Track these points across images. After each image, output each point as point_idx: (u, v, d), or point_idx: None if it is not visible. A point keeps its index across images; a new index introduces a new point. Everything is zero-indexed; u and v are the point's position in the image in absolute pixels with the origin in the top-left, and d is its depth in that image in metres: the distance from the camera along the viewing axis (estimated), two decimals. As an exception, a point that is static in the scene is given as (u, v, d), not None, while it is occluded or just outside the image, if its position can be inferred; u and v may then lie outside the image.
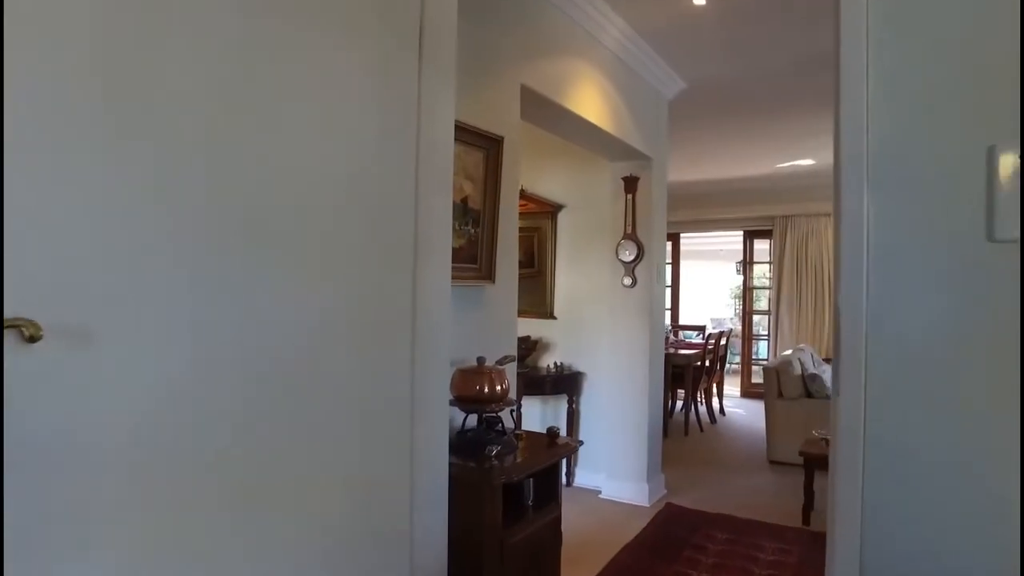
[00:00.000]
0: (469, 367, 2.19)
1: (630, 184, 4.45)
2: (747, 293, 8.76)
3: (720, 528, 4.04)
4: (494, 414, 2.18)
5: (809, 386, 5.39)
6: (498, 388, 2.13)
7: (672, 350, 6.70)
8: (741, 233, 8.68)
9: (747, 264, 8.66)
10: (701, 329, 8.47)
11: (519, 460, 2.12)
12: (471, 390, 2.12)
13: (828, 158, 6.05)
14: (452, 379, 2.18)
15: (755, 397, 8.49)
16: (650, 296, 4.42)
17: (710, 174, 7.92)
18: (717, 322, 13.76)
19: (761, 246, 9.38)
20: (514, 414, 2.26)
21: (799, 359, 5.66)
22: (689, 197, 8.66)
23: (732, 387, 9.27)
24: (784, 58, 4.23)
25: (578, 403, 4.83)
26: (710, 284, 14.93)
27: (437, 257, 1.71)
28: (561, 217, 4.95)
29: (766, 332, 8.70)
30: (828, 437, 4.21)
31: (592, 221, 4.78)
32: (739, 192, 8.41)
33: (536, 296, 5.01)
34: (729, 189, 8.43)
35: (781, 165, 7.36)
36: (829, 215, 7.89)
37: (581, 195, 4.86)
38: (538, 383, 4.67)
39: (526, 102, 3.01)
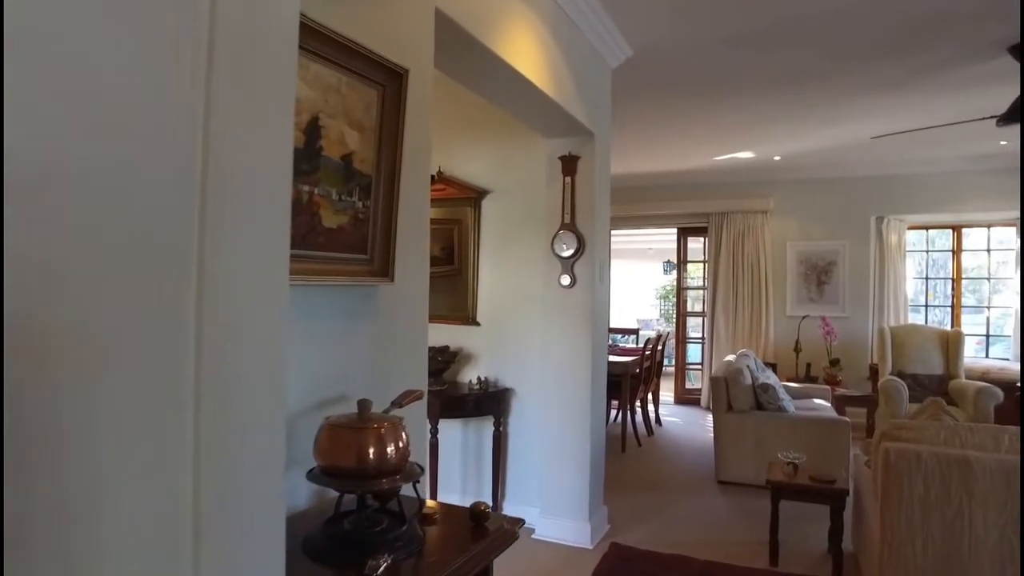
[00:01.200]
0: (344, 419, 1.34)
1: (569, 165, 3.70)
2: (680, 294, 8.25)
3: (678, 575, 3.34)
4: (387, 491, 1.34)
5: (760, 397, 4.82)
6: (390, 451, 1.30)
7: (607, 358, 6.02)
8: (675, 230, 8.15)
9: (681, 263, 8.14)
10: (633, 332, 7.89)
11: (426, 567, 1.30)
12: (347, 457, 1.28)
13: (768, 151, 5.41)
14: (317, 439, 1.33)
15: (690, 403, 7.98)
16: (592, 297, 3.68)
17: (644, 166, 7.33)
18: (644, 323, 13.35)
19: (695, 245, 8.92)
20: (418, 484, 1.42)
21: (747, 366, 5.10)
22: (620, 191, 8.01)
23: (665, 392, 8.75)
24: (745, 26, 3.59)
25: (506, 425, 4.05)
26: (635, 284, 14.53)
27: (256, 226, 0.87)
28: (486, 205, 4.14)
29: (700, 335, 8.22)
30: (797, 461, 3.61)
31: (523, 209, 4.00)
32: (673, 187, 7.87)
33: (455, 298, 4.19)
34: (663, 183, 7.88)
35: (719, 158, 6.85)
36: (766, 212, 7.46)
37: (510, 178, 4.07)
38: (458, 403, 3.85)
39: (441, 43, 2.19)
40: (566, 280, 3.69)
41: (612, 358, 6.02)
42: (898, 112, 4.93)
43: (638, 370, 5.94)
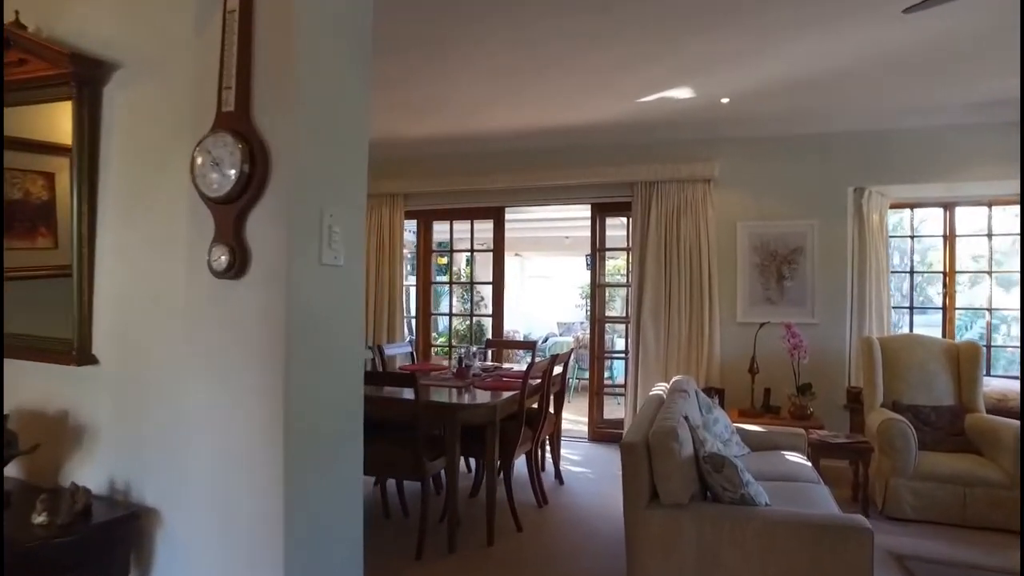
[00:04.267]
0: None
1: (235, -34, 1.42)
2: (597, 293, 6.06)
3: None
4: None
5: (707, 477, 2.64)
6: None
7: (473, 393, 3.78)
8: (589, 208, 5.96)
9: (596, 252, 5.96)
10: (530, 347, 5.67)
11: None
12: None
13: (713, 87, 2.00)
14: None
15: (610, 440, 5.81)
16: (289, 298, 1.39)
17: (539, 118, 5.12)
18: (566, 327, 11.20)
19: (616, 232, 6.81)
20: None
21: (685, 415, 2.91)
22: (512, 155, 5.83)
23: (576, 417, 6.58)
24: None
25: (144, 596, 1.73)
26: (556, 281, 12.41)
27: None
28: (111, 98, 1.81)
29: (624, 347, 6.08)
30: None
31: (171, 102, 1.69)
32: (585, 147, 5.66)
33: (47, 311, 1.86)
34: (570, 143, 5.66)
35: (645, 99, 4.69)
36: (710, 181, 5.34)
37: (150, 37, 1.75)
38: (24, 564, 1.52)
39: None
40: (221, 258, 1.39)
41: (481, 397, 3.79)
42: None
43: (516, 409, 3.71)
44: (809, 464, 3.60)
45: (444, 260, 11.86)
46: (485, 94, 4.58)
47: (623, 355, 6.05)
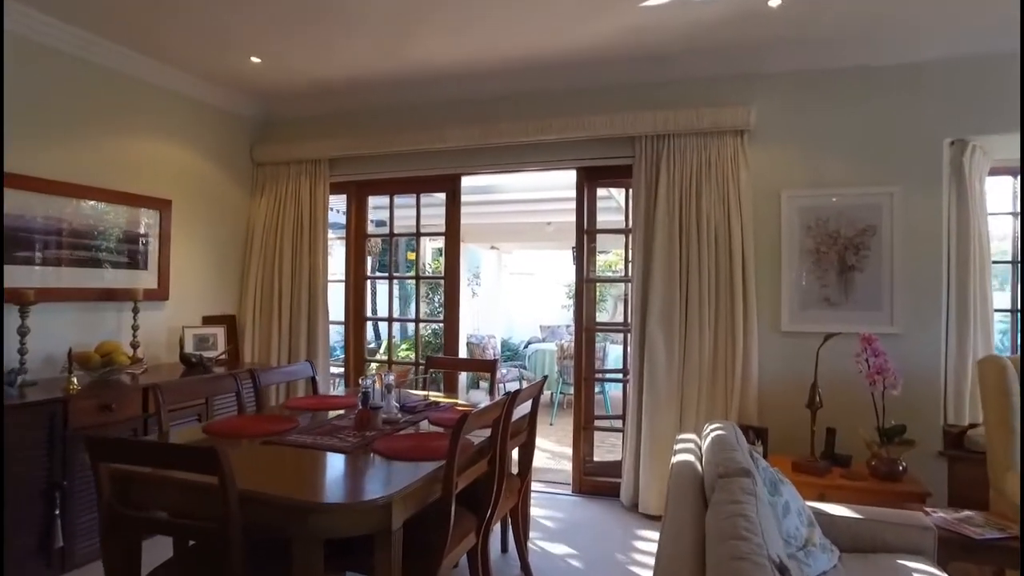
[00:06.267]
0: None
1: None
2: (584, 291, 4.43)
3: None
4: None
5: None
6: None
7: (370, 462, 2.15)
8: (573, 174, 4.32)
9: (585, 235, 4.32)
10: (488, 369, 4.02)
11: None
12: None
13: None
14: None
15: (603, 493, 4.18)
16: None
17: (498, 42, 3.50)
18: (550, 331, 9.58)
19: (611, 217, 5.22)
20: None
21: (771, 557, 1.31)
22: (468, 103, 4.22)
23: (560, 448, 4.97)
24: None
25: None
26: (539, 278, 10.79)
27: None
28: None
29: (621, 364, 4.46)
30: None
31: None
32: (568, 92, 4.05)
33: None
34: (544, 83, 4.05)
35: (649, 3, 3.08)
36: (744, 133, 3.71)
37: None
38: None
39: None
40: None
41: (379, 469, 2.15)
42: None
43: (444, 491, 2.08)
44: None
45: (412, 255, 10.23)
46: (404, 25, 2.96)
47: (621, 375, 4.44)
